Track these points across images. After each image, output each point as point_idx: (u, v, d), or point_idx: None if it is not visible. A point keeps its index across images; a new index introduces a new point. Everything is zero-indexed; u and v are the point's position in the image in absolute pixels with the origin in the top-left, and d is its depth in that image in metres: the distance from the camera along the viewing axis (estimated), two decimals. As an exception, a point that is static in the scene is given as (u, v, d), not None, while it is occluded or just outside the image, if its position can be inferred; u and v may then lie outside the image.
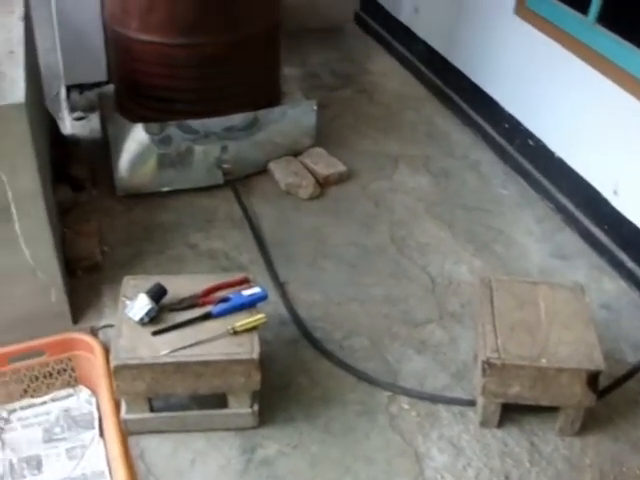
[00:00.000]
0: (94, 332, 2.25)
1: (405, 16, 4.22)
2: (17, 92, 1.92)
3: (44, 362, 2.08)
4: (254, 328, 1.93)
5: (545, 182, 3.07)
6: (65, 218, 2.71)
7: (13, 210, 2.01)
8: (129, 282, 2.08)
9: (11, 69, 2.02)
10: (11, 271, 2.11)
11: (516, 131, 3.25)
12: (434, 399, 2.13)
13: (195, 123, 2.83)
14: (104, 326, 2.28)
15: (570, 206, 2.92)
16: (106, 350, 2.05)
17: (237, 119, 2.87)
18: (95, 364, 2.05)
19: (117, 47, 2.95)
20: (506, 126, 3.32)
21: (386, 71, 4.17)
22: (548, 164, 3.05)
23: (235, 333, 1.90)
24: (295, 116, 3.05)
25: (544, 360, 1.90)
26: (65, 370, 2.11)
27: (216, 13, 2.74)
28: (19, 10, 2.39)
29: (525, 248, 2.79)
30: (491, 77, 3.44)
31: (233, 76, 2.90)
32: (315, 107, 3.08)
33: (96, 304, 2.40)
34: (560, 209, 2.97)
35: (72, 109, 3.47)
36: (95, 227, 2.69)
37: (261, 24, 2.91)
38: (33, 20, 2.72)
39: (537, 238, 2.85)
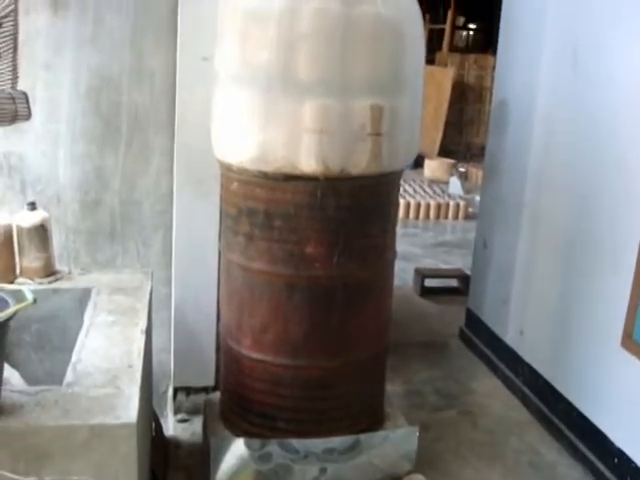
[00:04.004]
0: None
1: (510, 337, 4.26)
2: (131, 411, 1.96)
3: None
4: None
5: (660, 526, 2.88)
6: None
7: (106, 527, 1.99)
8: None
9: (128, 385, 2.09)
10: None
11: (626, 467, 3.08)
12: None
13: (296, 443, 2.82)
14: None
15: None
16: None
17: (338, 441, 2.86)
18: None
19: (227, 359, 3.05)
20: (615, 461, 3.17)
21: (490, 392, 4.13)
22: (663, 507, 2.87)
23: None
24: (396, 440, 3.01)
25: None
26: None
27: (326, 339, 2.83)
28: (142, 323, 2.53)
29: None
30: (598, 407, 3.35)
31: (337, 399, 2.92)
32: (417, 433, 3.05)
33: None
34: None
35: (177, 410, 3.54)
36: None
37: (369, 350, 2.98)
38: (152, 321, 2.87)
39: None
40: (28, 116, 2.75)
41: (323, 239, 2.70)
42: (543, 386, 3.82)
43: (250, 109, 2.61)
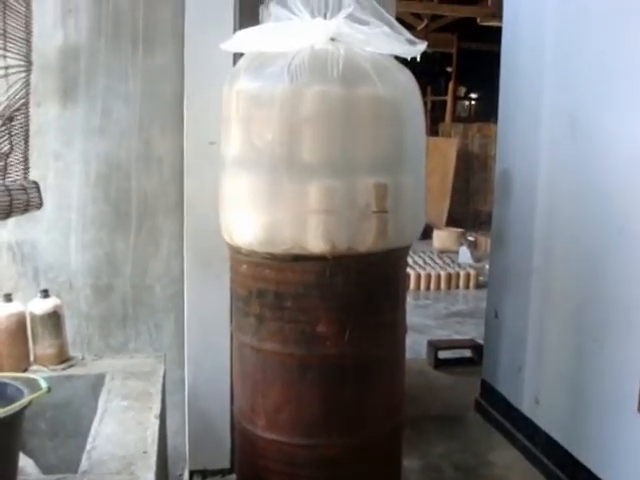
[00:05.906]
0: None
1: (526, 407, 4.21)
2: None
3: None
4: None
5: None
6: None
7: None
8: None
9: (143, 471, 2.08)
10: None
11: (650, 537, 3.04)
12: None
13: (313, 523, 2.79)
14: None
15: None
16: None
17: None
18: None
19: (242, 441, 3.03)
20: (639, 531, 3.12)
21: (509, 463, 4.07)
22: None
23: None
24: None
25: None
26: None
27: (341, 417, 2.81)
28: (156, 407, 2.53)
29: None
30: (618, 475, 3.29)
31: (353, 478, 2.87)
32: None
33: None
34: None
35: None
36: None
37: (384, 426, 2.94)
38: (166, 404, 2.86)
39: None
40: (39, 205, 2.81)
41: (333, 317, 2.71)
42: (562, 455, 3.76)
43: (256, 192, 2.66)
